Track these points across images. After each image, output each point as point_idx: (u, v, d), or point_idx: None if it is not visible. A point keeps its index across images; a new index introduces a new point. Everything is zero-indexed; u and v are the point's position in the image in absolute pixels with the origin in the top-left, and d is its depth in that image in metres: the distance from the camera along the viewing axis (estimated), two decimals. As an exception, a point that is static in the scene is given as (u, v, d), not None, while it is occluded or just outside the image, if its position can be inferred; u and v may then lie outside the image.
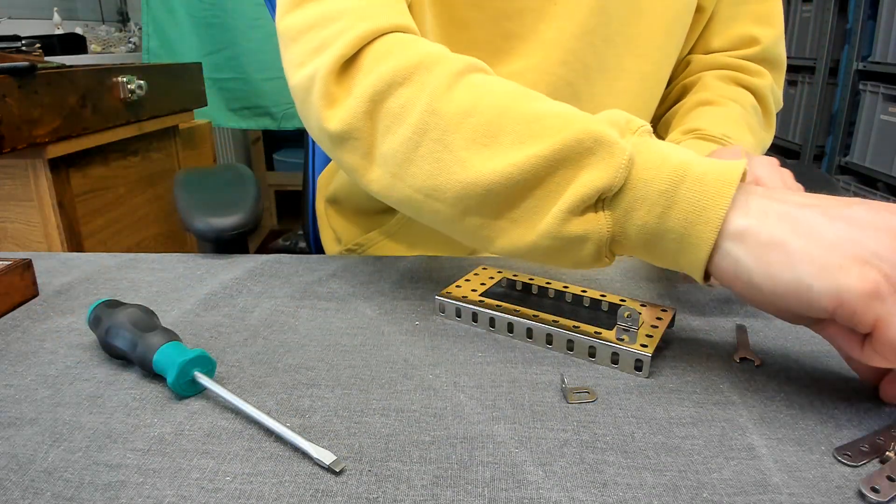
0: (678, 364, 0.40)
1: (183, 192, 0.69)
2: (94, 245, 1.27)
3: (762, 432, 0.33)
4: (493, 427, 0.33)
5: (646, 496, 0.28)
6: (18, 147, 1.01)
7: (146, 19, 2.11)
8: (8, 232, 1.18)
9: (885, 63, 2.16)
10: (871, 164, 2.26)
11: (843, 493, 0.28)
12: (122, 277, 0.55)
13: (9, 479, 0.30)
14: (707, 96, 0.64)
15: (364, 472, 0.30)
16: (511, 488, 0.29)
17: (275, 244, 1.02)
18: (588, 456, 0.31)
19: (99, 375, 0.39)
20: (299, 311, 0.48)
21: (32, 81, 1.02)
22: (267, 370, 0.39)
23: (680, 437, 0.32)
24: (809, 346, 0.42)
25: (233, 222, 0.62)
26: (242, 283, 0.53)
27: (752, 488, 0.29)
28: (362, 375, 0.39)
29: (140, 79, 1.30)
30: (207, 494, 0.29)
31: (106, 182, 1.32)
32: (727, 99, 0.64)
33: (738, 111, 0.62)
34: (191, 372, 0.36)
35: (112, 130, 1.28)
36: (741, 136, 0.59)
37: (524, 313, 0.43)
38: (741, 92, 0.66)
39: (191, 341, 0.43)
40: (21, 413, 0.35)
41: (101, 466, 0.31)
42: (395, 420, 0.34)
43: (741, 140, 0.58)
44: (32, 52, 1.33)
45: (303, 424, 0.34)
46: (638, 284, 0.52)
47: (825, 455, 0.31)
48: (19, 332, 0.45)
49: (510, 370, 0.39)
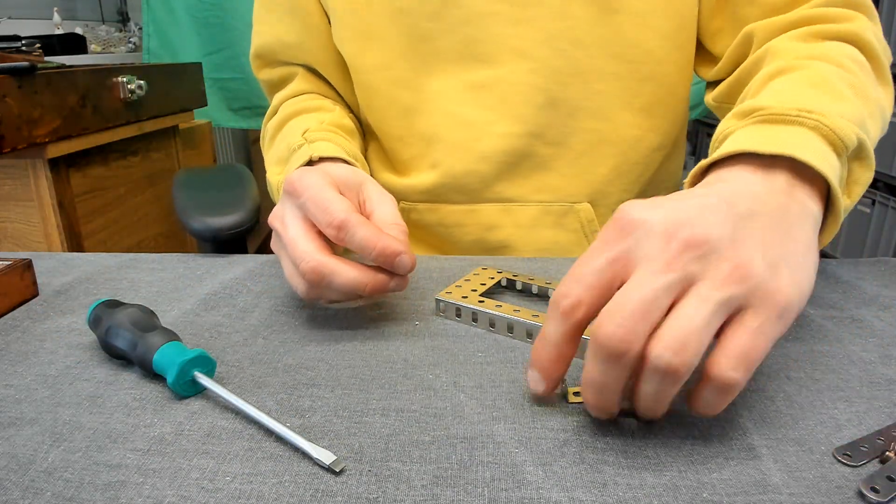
0: (678, 364, 0.40)
1: (181, 192, 0.69)
2: (94, 245, 1.27)
3: (762, 432, 0.33)
4: (493, 427, 0.33)
5: (646, 496, 0.28)
6: (18, 147, 1.01)
7: (146, 19, 2.10)
8: (8, 232, 1.18)
9: (885, 63, 2.16)
10: (871, 164, 2.26)
11: (843, 493, 0.28)
12: (122, 277, 0.55)
13: (9, 479, 0.30)
14: (779, 65, 0.48)
15: (364, 472, 0.30)
16: (511, 488, 0.29)
17: (275, 244, 1.02)
18: (588, 456, 0.31)
19: (99, 375, 0.39)
20: (299, 311, 0.48)
21: (32, 81, 1.02)
22: (267, 370, 0.39)
23: (680, 437, 0.32)
24: (809, 345, 0.42)
25: (230, 222, 0.62)
26: (242, 283, 0.53)
27: (752, 488, 0.29)
28: (362, 375, 0.39)
29: (140, 79, 1.30)
30: (207, 494, 0.29)
31: (106, 182, 1.32)
32: (808, 59, 0.47)
33: (824, 71, 0.45)
34: (191, 372, 0.36)
35: (112, 130, 1.28)
36: (830, 105, 0.39)
37: (524, 313, 0.43)
38: (832, 45, 0.49)
39: (191, 341, 0.43)
40: (21, 413, 0.35)
41: (101, 466, 0.31)
42: (395, 420, 0.34)
43: (830, 110, 0.39)
44: (32, 52, 1.33)
45: (303, 424, 0.34)
46: (638, 284, 0.52)
47: (825, 455, 0.31)
48: (19, 332, 0.45)
49: (510, 370, 0.39)
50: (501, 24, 0.58)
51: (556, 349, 0.31)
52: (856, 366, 0.39)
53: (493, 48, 0.59)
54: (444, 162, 0.63)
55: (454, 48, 0.60)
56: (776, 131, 0.38)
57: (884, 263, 0.56)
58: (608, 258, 0.30)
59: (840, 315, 0.46)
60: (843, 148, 0.38)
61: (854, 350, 0.41)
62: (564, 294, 0.30)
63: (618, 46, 0.59)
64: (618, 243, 0.30)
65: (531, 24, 0.58)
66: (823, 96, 0.42)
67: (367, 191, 0.46)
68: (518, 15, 0.58)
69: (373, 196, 0.46)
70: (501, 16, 0.58)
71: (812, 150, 0.36)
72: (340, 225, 0.40)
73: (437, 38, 0.60)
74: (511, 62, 0.59)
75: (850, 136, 0.38)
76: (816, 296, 0.50)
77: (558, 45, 0.58)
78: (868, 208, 2.25)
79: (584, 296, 0.30)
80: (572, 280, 0.31)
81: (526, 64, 0.59)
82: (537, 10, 0.58)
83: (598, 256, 0.30)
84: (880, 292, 0.50)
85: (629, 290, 0.28)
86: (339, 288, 0.40)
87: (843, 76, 0.45)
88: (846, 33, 0.50)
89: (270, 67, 0.70)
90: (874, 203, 2.21)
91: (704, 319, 0.28)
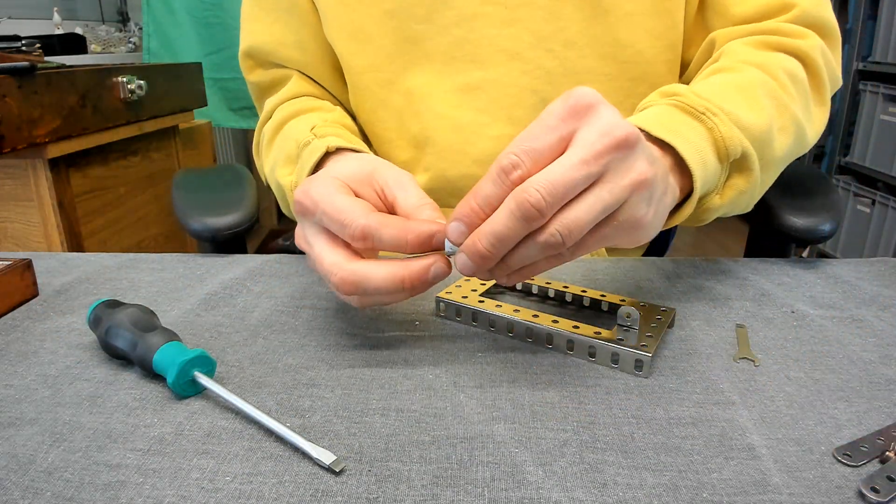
0: (678, 364, 0.40)
1: (180, 192, 0.69)
2: (94, 245, 1.27)
3: (762, 432, 0.33)
4: (493, 427, 0.33)
5: (646, 496, 0.28)
6: (18, 147, 1.01)
7: (146, 19, 2.10)
8: (8, 232, 1.18)
9: (885, 63, 2.16)
10: (871, 164, 2.27)
11: (843, 493, 0.28)
12: (122, 277, 0.55)
13: (9, 479, 0.30)
14: (722, 63, 0.52)
15: (364, 472, 0.30)
16: (511, 488, 0.29)
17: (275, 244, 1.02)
18: (588, 456, 0.31)
19: (99, 375, 0.39)
20: (299, 311, 0.48)
21: (32, 81, 1.02)
22: (267, 370, 0.39)
23: (680, 437, 0.32)
24: (809, 346, 0.42)
25: (228, 222, 0.62)
26: (242, 283, 0.53)
27: (752, 488, 0.29)
28: (362, 375, 0.39)
29: (140, 79, 1.30)
30: (207, 494, 0.29)
31: (106, 182, 1.32)
32: (747, 64, 0.50)
33: (754, 78, 0.48)
34: (191, 372, 0.36)
35: (112, 130, 1.28)
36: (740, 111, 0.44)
37: (524, 313, 0.43)
38: (776, 56, 0.52)
39: (191, 341, 0.43)
40: (21, 413, 0.35)
41: (101, 466, 0.31)
42: (395, 420, 0.34)
43: (737, 116, 0.44)
44: (32, 52, 1.33)
45: (303, 424, 0.34)
46: (638, 284, 0.52)
47: (825, 455, 0.31)
48: (19, 332, 0.45)
49: (510, 370, 0.39)
50: (492, 25, 0.58)
51: (485, 203, 0.34)
52: (856, 366, 0.39)
53: (484, 50, 0.59)
54: (436, 165, 0.63)
55: (445, 50, 0.60)
56: (679, 120, 0.43)
57: (884, 263, 0.56)
58: (557, 136, 0.33)
59: (840, 315, 0.46)
60: (725, 155, 0.43)
61: (854, 350, 0.41)
62: (509, 156, 0.34)
63: (609, 47, 0.59)
64: (567, 123, 0.33)
65: (522, 25, 0.58)
66: (742, 102, 0.45)
67: (382, 176, 0.42)
68: (509, 16, 0.58)
69: (389, 180, 0.41)
70: (492, 17, 0.58)
71: (696, 148, 0.42)
72: (363, 234, 0.36)
73: (427, 39, 0.60)
74: (502, 63, 0.59)
75: (735, 146, 0.43)
76: (816, 296, 0.50)
77: (550, 46, 0.58)
78: (868, 208, 2.25)
79: (526, 162, 0.33)
80: (520, 146, 0.34)
81: (517, 65, 0.59)
82: (528, 11, 0.57)
83: (548, 132, 0.34)
84: (880, 292, 0.50)
85: (559, 169, 0.32)
86: (376, 290, 0.37)
87: (769, 87, 0.48)
88: (794, 49, 0.53)
89: (263, 69, 0.68)
90: (874, 203, 2.21)
91: (597, 213, 0.33)
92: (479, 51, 0.59)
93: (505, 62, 0.59)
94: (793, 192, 0.61)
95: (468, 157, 0.62)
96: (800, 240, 0.58)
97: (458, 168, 0.62)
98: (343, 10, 0.61)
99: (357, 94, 0.65)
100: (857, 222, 2.31)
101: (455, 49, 0.60)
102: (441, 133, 0.62)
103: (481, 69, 0.60)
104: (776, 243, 0.65)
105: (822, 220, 0.57)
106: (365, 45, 0.61)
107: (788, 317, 0.46)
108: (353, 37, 0.62)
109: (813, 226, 0.57)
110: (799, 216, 0.57)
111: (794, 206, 0.59)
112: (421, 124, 0.62)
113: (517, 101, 0.60)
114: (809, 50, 0.53)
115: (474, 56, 0.59)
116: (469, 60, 0.60)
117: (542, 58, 0.58)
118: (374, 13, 0.60)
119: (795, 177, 0.66)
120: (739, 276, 0.54)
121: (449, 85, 0.61)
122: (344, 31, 0.62)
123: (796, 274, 0.54)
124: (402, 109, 0.63)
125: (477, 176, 0.63)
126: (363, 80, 0.63)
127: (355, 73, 0.64)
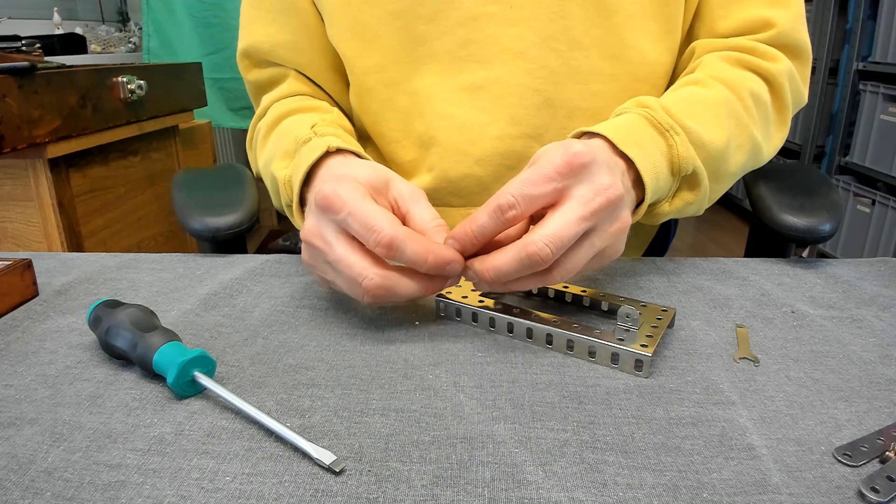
0: (678, 364, 0.40)
1: (180, 191, 0.69)
2: (94, 245, 1.27)
3: (762, 432, 0.33)
4: (493, 427, 0.33)
5: (646, 496, 0.28)
6: (18, 147, 1.01)
7: (146, 19, 2.11)
8: (8, 232, 1.18)
9: (885, 63, 2.16)
10: (870, 164, 2.27)
11: (843, 493, 0.28)
12: (122, 277, 0.55)
13: (9, 479, 0.30)
14: (696, 76, 0.56)
15: (364, 472, 0.30)
16: (511, 488, 0.29)
17: (275, 244, 1.02)
18: (588, 456, 0.31)
19: (99, 375, 0.39)
20: (299, 311, 0.48)
21: (32, 81, 1.02)
22: (267, 370, 0.39)
23: (680, 437, 0.32)
24: (809, 346, 0.42)
25: (228, 222, 0.62)
26: (242, 283, 0.53)
27: (752, 488, 0.29)
28: (362, 375, 0.39)
29: (140, 79, 1.30)
30: (207, 494, 0.29)
31: (106, 182, 1.32)
32: (717, 81, 0.54)
33: (721, 96, 0.53)
34: (191, 372, 0.36)
35: (112, 130, 1.28)
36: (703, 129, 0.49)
37: (524, 313, 0.43)
38: (746, 76, 0.56)
39: (191, 341, 0.43)
40: (21, 413, 0.35)
41: (101, 466, 0.31)
42: (395, 420, 0.34)
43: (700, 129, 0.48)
44: (32, 52, 1.33)
45: (303, 424, 0.34)
46: (638, 284, 0.52)
47: (825, 455, 0.31)
48: (19, 332, 0.45)
49: (510, 370, 0.39)
50: (497, 25, 0.58)
51: (479, 232, 0.40)
52: (856, 366, 0.39)
53: (488, 49, 0.59)
54: (440, 165, 0.63)
55: (450, 50, 0.60)
56: (645, 133, 0.47)
57: (884, 263, 0.56)
58: (554, 188, 0.39)
59: (840, 315, 0.46)
60: (678, 170, 0.48)
61: (854, 350, 0.41)
62: (507, 196, 0.38)
63: (615, 47, 0.59)
64: (564, 178, 0.39)
65: (527, 24, 0.58)
66: (706, 119, 0.50)
67: (397, 189, 0.45)
68: (514, 16, 0.58)
69: (404, 193, 0.45)
70: (497, 17, 0.58)
71: (653, 162, 0.46)
72: (389, 244, 0.39)
73: (432, 39, 0.60)
74: (507, 63, 0.59)
75: (688, 165, 0.48)
76: (816, 296, 0.50)
77: (554, 46, 0.58)
78: (868, 208, 2.25)
79: (521, 205, 0.38)
80: (518, 190, 0.38)
81: (522, 65, 0.59)
82: (533, 10, 0.57)
83: (546, 182, 0.39)
84: (880, 292, 0.50)
85: (564, 227, 0.38)
86: (402, 298, 0.41)
87: (733, 107, 0.53)
88: (765, 71, 0.57)
89: (259, 68, 0.68)
90: (874, 203, 2.21)
91: (589, 257, 0.40)
92: (484, 50, 0.59)
93: (509, 61, 0.59)
94: (793, 192, 0.61)
95: (470, 156, 0.62)
96: (800, 240, 0.58)
97: (459, 168, 0.62)
98: (347, 11, 0.61)
99: (362, 95, 0.65)
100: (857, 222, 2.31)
101: (460, 49, 0.60)
102: (445, 133, 0.62)
103: (486, 69, 0.60)
104: (776, 243, 0.65)
105: (823, 220, 0.57)
106: (370, 46, 0.61)
107: (788, 317, 0.46)
108: (358, 37, 0.62)
109: (813, 226, 0.57)
110: (799, 216, 0.57)
111: (795, 206, 0.59)
112: (426, 124, 0.62)
113: (521, 101, 0.60)
114: (778, 75, 0.57)
115: (479, 56, 0.59)
116: (474, 60, 0.60)
117: (546, 57, 0.59)
118: (379, 14, 0.60)
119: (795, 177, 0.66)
120: (739, 276, 0.54)
121: (454, 85, 0.61)
122: (348, 32, 0.62)
123: (796, 274, 0.54)
124: (408, 110, 0.63)
125: (477, 176, 0.64)
126: (369, 80, 0.63)
127: (360, 73, 0.63)
